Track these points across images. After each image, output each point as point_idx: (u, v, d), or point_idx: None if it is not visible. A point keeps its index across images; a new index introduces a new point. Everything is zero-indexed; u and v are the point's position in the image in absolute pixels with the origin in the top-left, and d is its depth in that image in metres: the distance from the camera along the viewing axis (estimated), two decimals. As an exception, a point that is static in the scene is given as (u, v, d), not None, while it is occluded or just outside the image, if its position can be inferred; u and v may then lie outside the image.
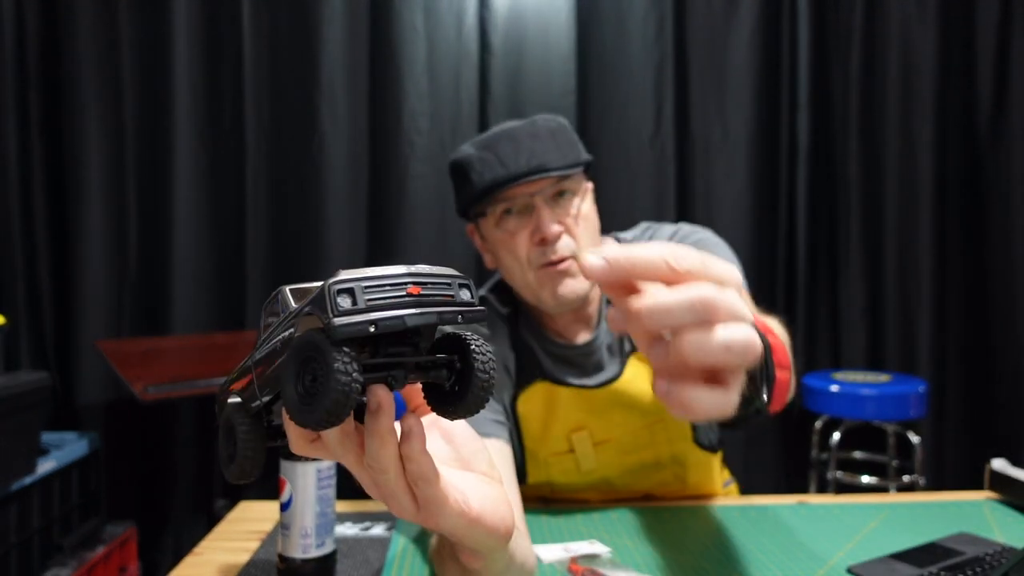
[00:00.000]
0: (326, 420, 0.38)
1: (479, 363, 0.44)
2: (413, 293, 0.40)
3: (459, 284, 0.42)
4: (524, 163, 0.94)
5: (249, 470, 0.46)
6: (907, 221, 2.54)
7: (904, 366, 2.54)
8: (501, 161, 0.94)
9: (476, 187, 0.96)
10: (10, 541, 1.71)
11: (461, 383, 0.45)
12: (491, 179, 0.95)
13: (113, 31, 2.31)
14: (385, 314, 0.39)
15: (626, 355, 1.06)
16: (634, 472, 1.10)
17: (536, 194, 0.95)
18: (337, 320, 0.38)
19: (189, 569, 0.89)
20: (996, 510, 1.06)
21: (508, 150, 0.95)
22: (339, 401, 0.38)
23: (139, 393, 1.83)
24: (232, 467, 0.47)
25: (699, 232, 1.08)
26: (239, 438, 0.46)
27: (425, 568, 0.87)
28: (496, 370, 0.45)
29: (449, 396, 0.46)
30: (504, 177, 0.94)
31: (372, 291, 0.39)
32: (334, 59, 2.38)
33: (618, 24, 2.46)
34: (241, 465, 0.46)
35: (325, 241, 2.38)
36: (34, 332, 2.30)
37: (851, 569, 0.84)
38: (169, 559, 2.30)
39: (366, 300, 0.39)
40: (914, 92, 2.53)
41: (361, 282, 0.39)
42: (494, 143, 0.97)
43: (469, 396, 0.44)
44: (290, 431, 0.45)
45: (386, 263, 0.46)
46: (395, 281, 0.40)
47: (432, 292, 0.41)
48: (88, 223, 2.31)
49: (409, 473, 0.43)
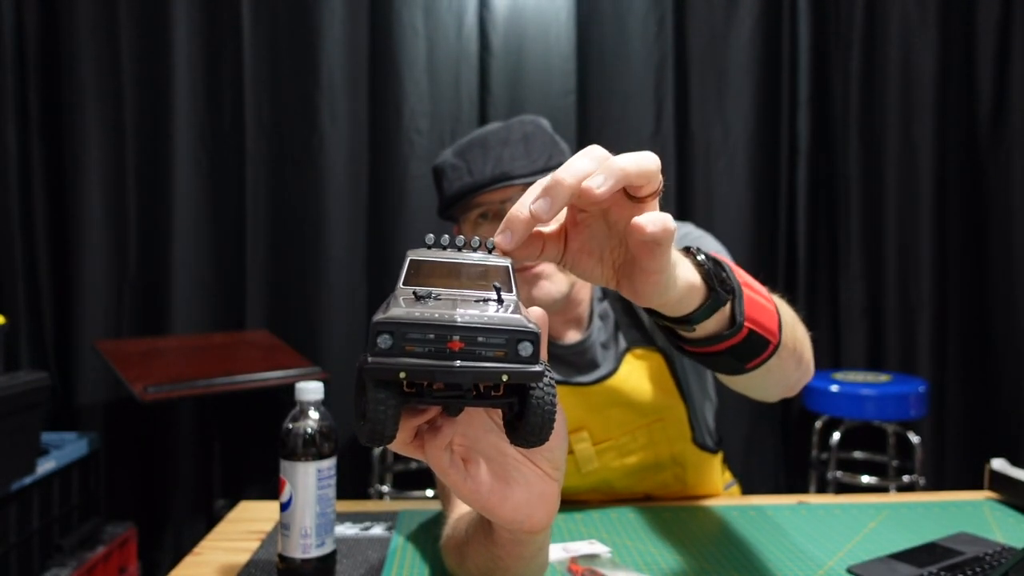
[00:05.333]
0: (369, 440, 0.43)
1: (535, 404, 0.45)
2: (453, 348, 0.40)
3: (519, 339, 0.42)
4: (489, 172, 0.97)
5: (380, 434, 0.44)
6: (907, 221, 2.54)
7: (904, 366, 2.54)
8: (469, 169, 0.98)
9: (446, 194, 1.01)
10: (10, 541, 1.71)
11: (522, 417, 0.46)
12: (459, 187, 0.99)
13: (113, 31, 2.31)
14: (418, 362, 0.40)
15: (622, 352, 1.06)
16: (634, 473, 1.09)
17: (507, 200, 0.98)
18: (371, 360, 0.40)
19: (189, 569, 0.89)
20: (996, 510, 1.06)
21: (477, 158, 0.98)
22: (376, 430, 0.42)
23: (139, 393, 1.83)
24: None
25: (695, 232, 1.08)
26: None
27: (425, 568, 0.87)
28: (555, 410, 0.46)
29: (512, 425, 0.48)
30: (470, 186, 0.98)
31: (414, 337, 0.40)
32: (334, 59, 2.38)
33: (618, 24, 2.46)
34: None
35: (325, 241, 2.38)
36: (34, 332, 2.30)
37: (851, 569, 0.84)
38: (169, 559, 2.30)
39: (404, 345, 0.40)
40: (914, 92, 2.53)
41: (404, 325, 0.40)
42: (467, 150, 1.00)
43: (527, 431, 0.46)
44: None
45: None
46: (439, 332, 0.40)
47: (478, 347, 0.41)
48: (88, 223, 2.31)
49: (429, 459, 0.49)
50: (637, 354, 1.06)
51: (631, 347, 1.06)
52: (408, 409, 0.46)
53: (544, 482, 0.55)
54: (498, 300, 0.46)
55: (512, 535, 0.59)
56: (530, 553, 0.62)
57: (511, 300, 0.46)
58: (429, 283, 0.46)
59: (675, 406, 1.07)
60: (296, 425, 0.79)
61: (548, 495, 0.55)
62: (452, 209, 1.02)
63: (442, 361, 0.40)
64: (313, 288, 2.39)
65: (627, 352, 1.06)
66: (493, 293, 0.46)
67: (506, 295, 0.46)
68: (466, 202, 0.99)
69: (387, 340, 0.40)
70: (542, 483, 0.55)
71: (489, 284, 0.47)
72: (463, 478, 0.50)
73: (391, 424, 0.42)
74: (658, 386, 1.06)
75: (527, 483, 0.54)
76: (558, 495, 0.56)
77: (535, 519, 0.54)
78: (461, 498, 0.52)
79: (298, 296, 2.40)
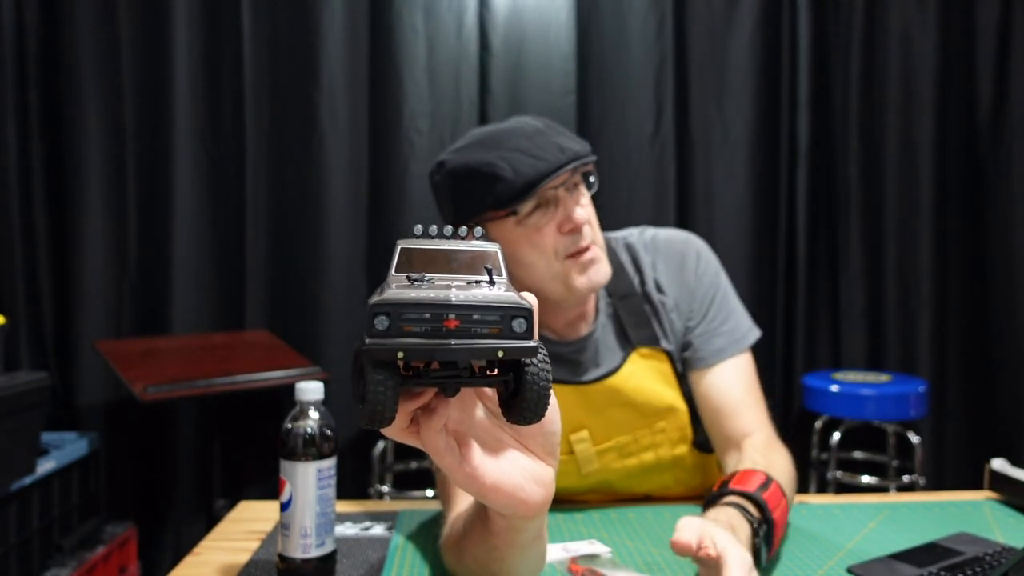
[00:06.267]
0: (369, 422, 0.44)
1: (530, 380, 0.45)
2: (449, 327, 0.41)
3: (513, 315, 0.43)
4: (560, 155, 0.93)
5: (380, 415, 0.44)
6: (907, 221, 2.54)
7: (904, 366, 2.54)
8: (535, 156, 0.93)
9: (515, 184, 0.92)
10: (10, 541, 1.71)
11: (517, 395, 0.47)
12: (534, 173, 0.92)
13: (113, 31, 2.30)
14: (416, 341, 0.41)
15: (629, 349, 1.06)
16: (635, 475, 1.09)
17: (559, 186, 0.96)
18: (369, 342, 0.41)
19: (189, 569, 0.89)
20: (996, 510, 1.06)
21: (536, 145, 0.93)
22: (376, 412, 0.43)
23: (139, 393, 1.83)
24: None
25: (691, 250, 1.10)
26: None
27: (425, 568, 0.87)
28: (549, 386, 0.47)
29: (508, 404, 0.49)
30: (546, 169, 0.92)
31: (410, 317, 0.41)
32: (334, 59, 2.38)
33: (618, 24, 2.46)
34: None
35: (325, 241, 2.38)
36: (34, 332, 2.30)
37: (851, 569, 0.84)
38: (169, 559, 2.30)
39: (402, 325, 0.41)
40: (914, 92, 2.53)
41: (401, 306, 0.41)
42: (505, 141, 0.94)
43: (522, 408, 0.47)
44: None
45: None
46: (435, 311, 0.41)
47: (474, 325, 0.42)
48: (88, 223, 2.30)
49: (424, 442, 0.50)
50: (643, 353, 1.06)
51: (637, 346, 1.06)
52: (404, 393, 0.47)
53: (538, 466, 0.56)
54: (489, 281, 0.46)
55: (507, 522, 0.60)
56: (526, 541, 0.62)
57: (501, 281, 0.47)
58: (420, 269, 0.47)
59: (677, 407, 1.07)
60: (296, 425, 0.80)
61: (542, 479, 0.56)
62: (514, 202, 0.93)
63: (439, 340, 0.41)
64: (313, 288, 2.39)
65: (633, 351, 1.06)
66: (484, 275, 0.47)
67: (497, 277, 0.47)
68: (540, 188, 0.93)
69: (384, 321, 0.40)
70: (536, 467, 0.56)
71: (479, 268, 0.48)
72: (458, 461, 0.51)
73: (391, 405, 0.43)
74: (661, 386, 1.06)
75: (521, 467, 0.55)
76: (553, 480, 0.57)
77: (529, 503, 0.55)
78: (456, 482, 0.53)
79: (298, 296, 2.40)
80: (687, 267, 1.09)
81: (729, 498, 0.84)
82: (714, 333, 1.06)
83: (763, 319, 2.07)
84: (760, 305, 2.45)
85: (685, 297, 1.07)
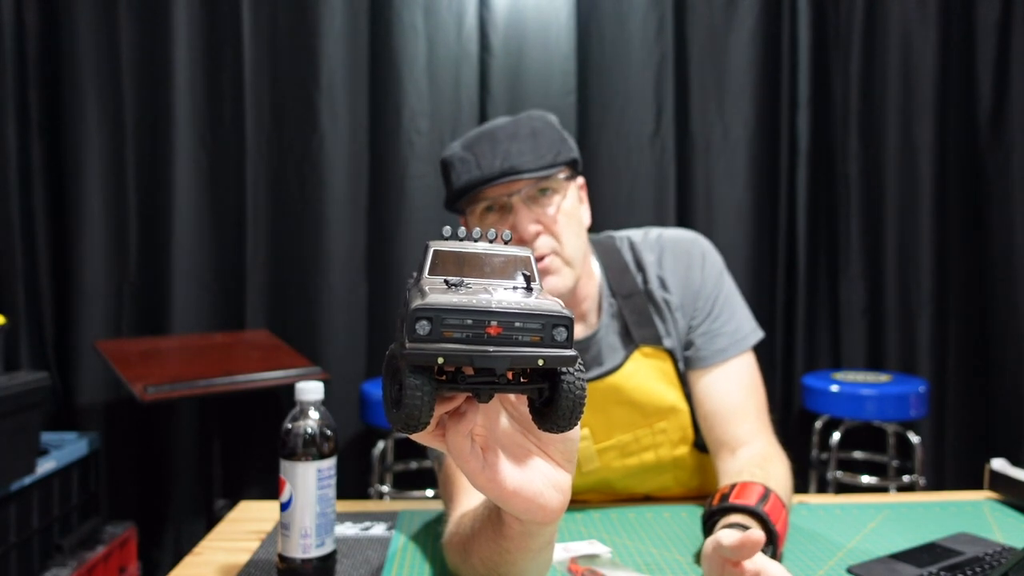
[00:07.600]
0: (405, 427, 0.43)
1: (566, 389, 0.45)
2: (491, 333, 0.41)
3: (554, 324, 0.42)
4: (498, 165, 0.96)
5: (416, 420, 0.43)
6: (907, 221, 2.54)
7: (904, 366, 2.54)
8: (478, 162, 0.97)
9: (454, 186, 0.99)
10: (10, 541, 1.71)
11: (551, 403, 0.47)
12: (467, 180, 0.97)
13: (113, 31, 2.31)
14: (457, 347, 0.41)
15: (631, 347, 1.06)
16: (635, 474, 1.09)
17: (513, 194, 0.97)
18: (410, 346, 0.40)
19: (189, 569, 0.89)
20: (996, 510, 1.06)
21: (486, 151, 0.97)
22: (412, 415, 0.42)
23: (139, 393, 1.83)
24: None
25: (696, 249, 1.10)
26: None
27: (426, 568, 0.87)
28: (584, 395, 0.47)
29: (541, 412, 0.49)
30: (478, 179, 0.96)
31: (452, 322, 0.41)
32: (334, 59, 2.38)
33: (618, 24, 2.46)
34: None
35: (325, 241, 2.38)
36: (34, 332, 2.30)
37: (851, 569, 0.84)
38: (169, 559, 2.30)
39: (443, 331, 0.40)
40: (914, 92, 2.53)
41: (444, 311, 0.41)
42: (476, 143, 0.99)
43: (556, 416, 0.47)
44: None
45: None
46: (477, 317, 0.41)
47: (515, 332, 0.42)
48: (88, 223, 2.30)
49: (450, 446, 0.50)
50: (645, 352, 1.06)
51: (639, 345, 1.06)
52: (438, 396, 0.47)
53: (556, 472, 0.56)
54: (527, 288, 0.46)
55: (523, 526, 0.60)
56: (538, 546, 0.63)
57: (538, 288, 0.47)
58: (453, 272, 0.47)
59: (679, 408, 1.07)
60: (296, 425, 0.79)
61: (561, 485, 0.56)
62: (459, 201, 1.01)
63: (479, 346, 0.41)
64: (313, 288, 2.39)
65: (636, 349, 1.06)
66: (520, 281, 0.47)
67: (534, 284, 0.47)
68: (474, 195, 0.98)
69: (425, 326, 0.40)
70: (555, 473, 0.56)
71: (510, 273, 0.48)
72: (481, 466, 0.52)
73: (427, 411, 0.43)
74: (663, 386, 1.06)
75: (541, 472, 0.55)
76: (570, 486, 0.57)
77: (548, 509, 0.55)
78: (477, 486, 0.53)
79: (298, 296, 2.40)
80: (693, 266, 1.09)
81: (732, 517, 0.83)
82: (717, 333, 1.06)
83: (763, 319, 2.07)
84: (760, 305, 2.45)
85: (690, 296, 1.07)
